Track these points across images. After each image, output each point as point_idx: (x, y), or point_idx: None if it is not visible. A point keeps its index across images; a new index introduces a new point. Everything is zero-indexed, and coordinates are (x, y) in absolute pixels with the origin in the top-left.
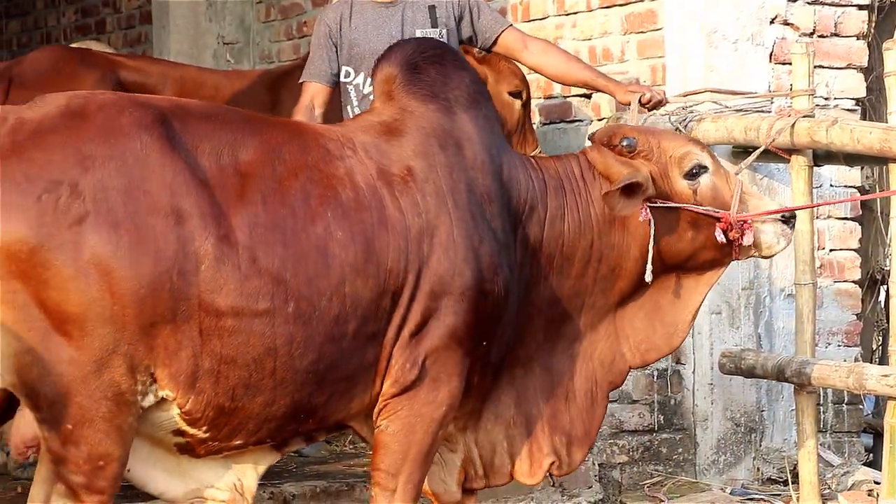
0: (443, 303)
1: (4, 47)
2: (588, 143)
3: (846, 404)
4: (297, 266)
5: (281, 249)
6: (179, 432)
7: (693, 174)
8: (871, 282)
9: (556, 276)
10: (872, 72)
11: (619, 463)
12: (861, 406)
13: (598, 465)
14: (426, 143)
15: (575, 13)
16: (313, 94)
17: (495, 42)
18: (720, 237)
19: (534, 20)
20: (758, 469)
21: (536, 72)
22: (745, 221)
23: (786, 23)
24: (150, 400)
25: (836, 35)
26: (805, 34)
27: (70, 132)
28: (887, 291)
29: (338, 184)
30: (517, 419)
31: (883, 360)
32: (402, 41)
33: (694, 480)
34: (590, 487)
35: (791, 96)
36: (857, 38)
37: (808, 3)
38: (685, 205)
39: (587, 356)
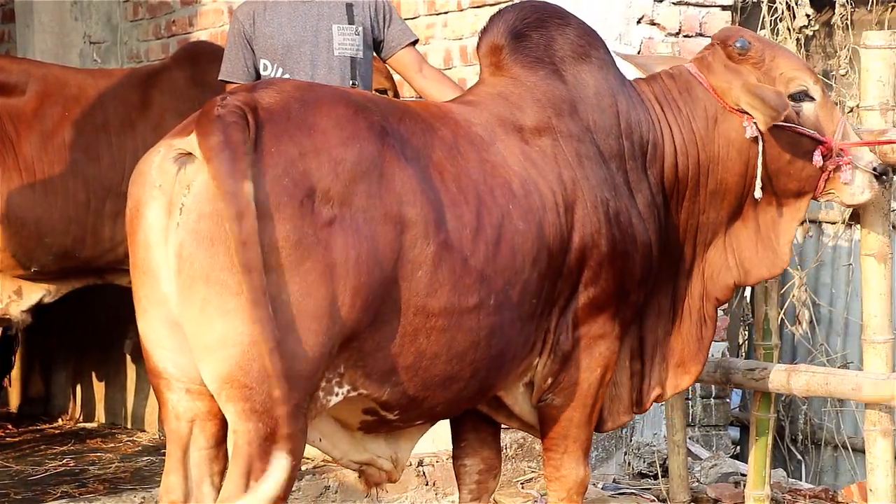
0: (585, 274)
1: None
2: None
3: (714, 398)
4: (496, 261)
5: (484, 247)
6: (371, 412)
7: (796, 98)
8: None
9: (676, 202)
10: None
11: None
12: (728, 400)
13: None
14: (544, 115)
15: (446, 13)
16: None
17: (394, 55)
18: (818, 161)
19: (405, 20)
20: (628, 464)
21: (419, 95)
22: (844, 153)
23: (652, 23)
24: (336, 399)
25: (701, 35)
26: (671, 34)
27: (320, 136)
28: (752, 287)
29: (505, 173)
30: (639, 350)
31: (749, 355)
32: (503, 10)
33: None
34: None
35: None
36: None
37: (674, 3)
38: (793, 125)
39: (700, 273)
